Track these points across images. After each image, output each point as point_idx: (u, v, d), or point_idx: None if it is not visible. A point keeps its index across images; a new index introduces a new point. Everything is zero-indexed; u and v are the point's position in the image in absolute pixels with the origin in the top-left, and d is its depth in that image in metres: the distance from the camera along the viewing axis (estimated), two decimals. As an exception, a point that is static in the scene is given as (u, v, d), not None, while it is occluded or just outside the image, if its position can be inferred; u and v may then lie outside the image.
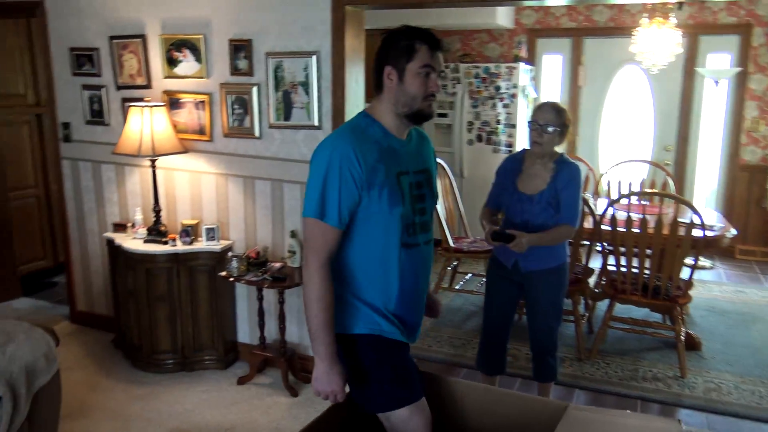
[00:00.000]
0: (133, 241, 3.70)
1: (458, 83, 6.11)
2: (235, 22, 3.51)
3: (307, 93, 3.39)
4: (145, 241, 3.68)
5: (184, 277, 3.61)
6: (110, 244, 3.88)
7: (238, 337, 3.88)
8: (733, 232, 4.11)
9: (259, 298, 3.56)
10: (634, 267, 3.95)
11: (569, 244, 3.30)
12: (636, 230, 3.71)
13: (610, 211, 3.82)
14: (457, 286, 5.04)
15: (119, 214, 4.07)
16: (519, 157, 2.99)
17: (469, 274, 5.28)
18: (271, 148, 3.56)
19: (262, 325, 3.61)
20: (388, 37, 1.84)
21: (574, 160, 2.93)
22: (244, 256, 3.50)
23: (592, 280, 4.46)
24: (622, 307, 4.08)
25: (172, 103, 3.74)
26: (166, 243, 3.63)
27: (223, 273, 3.51)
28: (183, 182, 3.84)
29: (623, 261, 3.81)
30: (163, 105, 3.64)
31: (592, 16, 6.42)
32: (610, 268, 3.99)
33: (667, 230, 3.66)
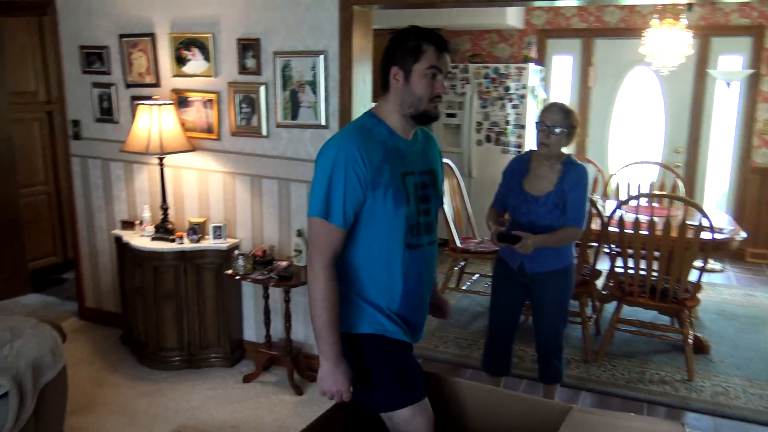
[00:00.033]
0: (141, 239, 3.72)
1: (467, 83, 6.08)
2: (243, 21, 3.52)
3: (315, 92, 3.39)
4: (153, 239, 3.70)
5: (191, 275, 3.62)
6: (118, 242, 3.90)
7: (244, 336, 3.89)
8: (743, 234, 4.08)
9: (265, 297, 3.57)
10: (642, 269, 3.92)
11: (577, 246, 3.28)
12: (644, 232, 3.69)
13: (619, 213, 3.80)
14: (464, 287, 5.03)
15: (127, 212, 4.09)
16: (526, 158, 2.97)
17: (477, 275, 5.27)
18: (279, 147, 3.57)
19: (268, 323, 3.62)
20: (396, 38, 1.84)
21: (581, 162, 2.92)
22: (251, 255, 3.51)
23: (599, 282, 4.44)
24: (630, 310, 4.05)
25: (181, 101, 3.76)
26: (173, 241, 3.65)
27: (230, 271, 3.52)
28: (190, 180, 3.86)
29: (631, 263, 3.79)
30: (171, 103, 3.66)
31: (602, 17, 6.38)
32: (617, 270, 3.97)
33: (675, 232, 3.64)
